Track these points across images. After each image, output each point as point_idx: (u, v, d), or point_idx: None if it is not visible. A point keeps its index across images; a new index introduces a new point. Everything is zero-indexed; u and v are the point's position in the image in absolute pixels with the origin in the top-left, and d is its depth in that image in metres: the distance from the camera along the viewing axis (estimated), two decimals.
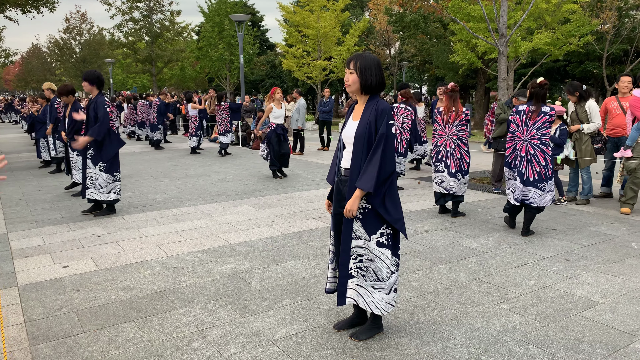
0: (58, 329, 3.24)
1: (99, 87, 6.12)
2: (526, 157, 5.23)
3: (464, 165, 6.12)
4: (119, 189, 6.29)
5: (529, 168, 5.22)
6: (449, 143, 6.14)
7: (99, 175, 6.12)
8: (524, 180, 5.24)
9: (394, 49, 36.76)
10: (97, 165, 6.11)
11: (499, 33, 8.54)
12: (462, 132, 6.11)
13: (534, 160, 5.19)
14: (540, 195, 5.19)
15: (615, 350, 2.92)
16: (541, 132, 5.15)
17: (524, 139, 5.25)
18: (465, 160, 6.13)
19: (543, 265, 4.38)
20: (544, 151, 5.15)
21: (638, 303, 3.58)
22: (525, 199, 5.27)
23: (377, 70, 2.88)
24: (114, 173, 6.20)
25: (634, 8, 23.30)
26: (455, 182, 6.09)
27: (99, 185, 6.13)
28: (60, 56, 45.28)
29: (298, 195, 7.54)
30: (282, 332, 3.17)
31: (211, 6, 30.50)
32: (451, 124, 6.13)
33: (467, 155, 6.15)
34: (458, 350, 2.94)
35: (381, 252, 2.92)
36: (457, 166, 6.10)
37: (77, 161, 7.45)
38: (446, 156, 6.16)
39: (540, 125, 5.15)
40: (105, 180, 6.14)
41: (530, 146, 5.20)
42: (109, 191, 6.19)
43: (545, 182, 5.18)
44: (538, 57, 16.47)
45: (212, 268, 4.36)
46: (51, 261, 4.58)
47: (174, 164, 11.28)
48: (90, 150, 6.11)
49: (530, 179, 5.21)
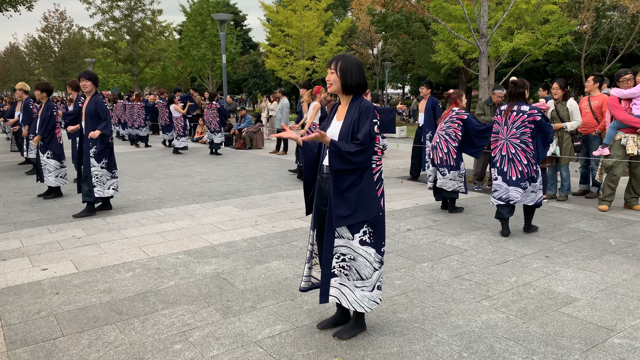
0: (36, 333, 3.19)
1: (96, 87, 6.40)
2: (507, 157, 5.24)
3: (450, 161, 6.23)
4: (117, 185, 6.51)
5: (511, 167, 5.21)
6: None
7: (102, 173, 6.32)
8: (506, 180, 5.23)
9: (377, 49, 36.91)
10: (101, 162, 6.29)
11: (479, 33, 8.63)
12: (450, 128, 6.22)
13: (515, 160, 5.18)
14: (522, 194, 5.18)
15: (593, 345, 2.98)
16: (521, 131, 5.15)
17: (504, 138, 5.27)
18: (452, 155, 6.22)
19: (524, 263, 4.44)
20: (525, 150, 5.14)
21: (616, 298, 3.65)
22: (509, 198, 5.22)
23: (357, 71, 2.90)
24: (113, 170, 6.43)
25: (611, 9, 23.74)
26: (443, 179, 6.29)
27: (102, 183, 6.32)
28: (39, 55, 44.52)
29: (282, 195, 7.52)
30: (265, 333, 3.16)
31: (193, 5, 30.30)
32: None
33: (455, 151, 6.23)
34: (440, 347, 2.96)
35: (364, 250, 2.93)
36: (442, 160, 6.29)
37: (46, 164, 7.36)
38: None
39: (519, 125, 5.15)
40: (105, 176, 6.35)
41: (511, 145, 5.20)
42: (108, 187, 6.39)
43: (527, 182, 5.16)
44: (518, 57, 16.69)
45: (194, 269, 4.33)
46: (29, 264, 4.50)
47: (155, 164, 11.17)
48: (93, 149, 6.24)
49: (513, 178, 5.19)
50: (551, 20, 14.63)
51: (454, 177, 6.22)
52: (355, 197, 2.84)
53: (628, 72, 6.30)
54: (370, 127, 2.81)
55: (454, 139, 6.19)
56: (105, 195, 6.35)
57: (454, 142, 6.20)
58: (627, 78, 6.27)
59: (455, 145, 6.20)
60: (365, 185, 2.87)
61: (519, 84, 5.19)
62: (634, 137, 6.20)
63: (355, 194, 2.84)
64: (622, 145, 6.26)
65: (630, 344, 2.97)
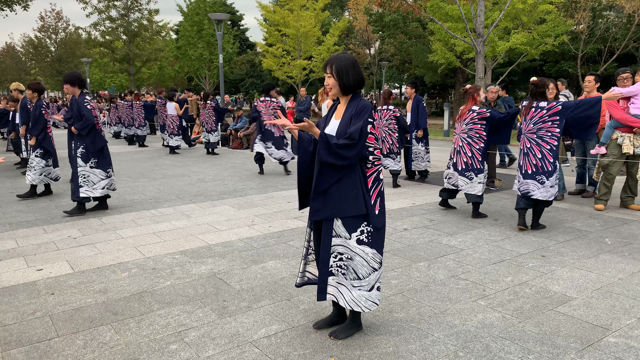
0: (31, 333, 3.17)
1: (80, 87, 6.29)
2: (523, 151, 5.46)
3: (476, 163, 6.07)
4: (112, 184, 6.48)
5: (526, 161, 5.44)
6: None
7: (90, 173, 6.27)
8: (522, 173, 5.45)
9: (374, 49, 36.93)
10: (89, 163, 6.26)
11: (476, 33, 8.64)
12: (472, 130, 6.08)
13: (530, 154, 5.39)
14: (539, 187, 5.32)
15: (589, 344, 2.98)
16: (538, 127, 5.33)
17: (523, 133, 5.49)
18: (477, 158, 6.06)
19: (520, 262, 4.45)
20: (540, 144, 5.31)
21: (611, 297, 3.65)
22: (526, 191, 5.42)
23: (353, 70, 2.89)
24: (107, 169, 6.39)
25: (608, 9, 23.81)
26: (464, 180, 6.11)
27: (91, 182, 6.27)
28: (35, 55, 44.32)
29: (278, 195, 7.52)
30: (261, 333, 3.15)
31: (190, 5, 30.25)
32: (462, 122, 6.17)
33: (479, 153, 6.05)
34: (436, 347, 2.96)
35: (361, 249, 2.92)
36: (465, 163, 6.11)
37: (32, 161, 7.40)
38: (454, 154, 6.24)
39: (537, 120, 5.34)
40: (97, 176, 6.31)
41: (527, 140, 5.42)
42: (102, 187, 6.35)
43: (543, 175, 5.30)
44: (515, 56, 16.71)
45: (190, 269, 4.32)
46: (25, 264, 4.48)
47: (152, 164, 11.14)
48: (79, 149, 6.24)
49: (529, 171, 5.39)
50: (548, 20, 14.67)
51: (481, 180, 6.01)
52: (330, 193, 2.87)
53: (626, 71, 6.37)
54: (363, 125, 2.80)
55: (477, 141, 5.99)
56: (94, 195, 6.29)
57: (477, 144, 5.99)
58: (624, 77, 6.34)
59: (479, 147, 5.98)
60: (347, 183, 2.86)
61: (539, 84, 5.42)
62: (630, 137, 6.21)
63: (332, 190, 2.87)
64: (619, 144, 6.28)
65: (626, 343, 2.98)
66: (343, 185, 2.86)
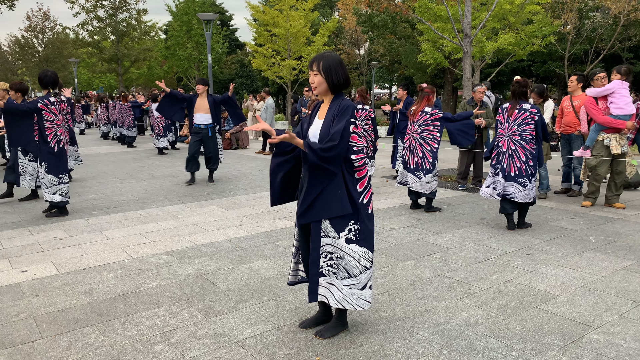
0: (15, 335, 3.15)
1: (45, 87, 6.06)
2: (507, 153, 5.43)
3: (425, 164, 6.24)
4: (66, 192, 6.13)
5: (510, 163, 5.41)
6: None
7: (44, 175, 6.06)
8: (505, 175, 5.41)
9: (364, 49, 37.01)
10: (42, 165, 6.04)
11: (463, 33, 8.69)
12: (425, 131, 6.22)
13: (514, 156, 5.38)
14: (521, 190, 5.34)
15: (571, 340, 3.01)
16: (522, 129, 5.32)
17: (505, 135, 5.46)
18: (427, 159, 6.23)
19: (505, 260, 4.49)
20: (524, 147, 5.32)
21: (594, 295, 3.70)
22: (507, 193, 5.41)
23: (341, 68, 2.90)
24: (60, 175, 6.08)
25: (594, 10, 24.07)
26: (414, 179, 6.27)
27: (44, 185, 6.06)
28: (22, 55, 43.83)
29: (266, 195, 7.51)
30: (247, 333, 3.15)
31: (179, 5, 30.08)
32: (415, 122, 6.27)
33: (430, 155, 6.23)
34: (421, 345, 2.98)
35: (350, 248, 2.93)
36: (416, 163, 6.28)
37: (26, 167, 7.21)
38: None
39: (520, 122, 5.33)
40: (50, 181, 6.04)
41: (512, 142, 5.40)
42: (54, 192, 6.07)
43: (526, 178, 5.33)
44: (503, 57, 16.83)
45: (177, 270, 4.30)
46: (9, 266, 4.44)
47: (140, 164, 11.08)
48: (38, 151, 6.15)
49: (512, 174, 5.37)
50: (535, 20, 14.79)
51: (429, 180, 6.24)
52: (315, 196, 2.88)
53: (602, 72, 6.50)
54: (345, 125, 2.81)
55: (429, 142, 6.19)
56: (50, 200, 6.03)
57: (429, 145, 6.18)
58: (601, 77, 6.45)
59: (430, 148, 6.18)
60: (331, 184, 2.87)
61: (522, 83, 5.39)
62: (616, 137, 6.29)
63: (318, 194, 2.88)
64: (605, 145, 6.36)
65: (607, 339, 3.02)
66: (328, 187, 2.87)
